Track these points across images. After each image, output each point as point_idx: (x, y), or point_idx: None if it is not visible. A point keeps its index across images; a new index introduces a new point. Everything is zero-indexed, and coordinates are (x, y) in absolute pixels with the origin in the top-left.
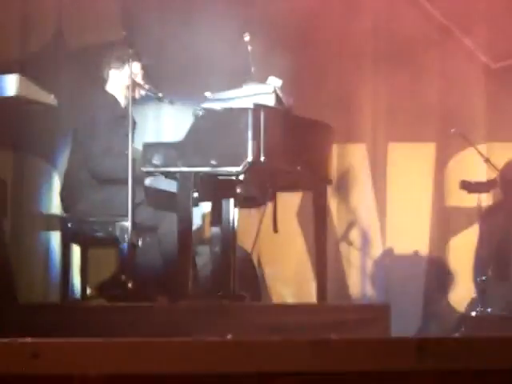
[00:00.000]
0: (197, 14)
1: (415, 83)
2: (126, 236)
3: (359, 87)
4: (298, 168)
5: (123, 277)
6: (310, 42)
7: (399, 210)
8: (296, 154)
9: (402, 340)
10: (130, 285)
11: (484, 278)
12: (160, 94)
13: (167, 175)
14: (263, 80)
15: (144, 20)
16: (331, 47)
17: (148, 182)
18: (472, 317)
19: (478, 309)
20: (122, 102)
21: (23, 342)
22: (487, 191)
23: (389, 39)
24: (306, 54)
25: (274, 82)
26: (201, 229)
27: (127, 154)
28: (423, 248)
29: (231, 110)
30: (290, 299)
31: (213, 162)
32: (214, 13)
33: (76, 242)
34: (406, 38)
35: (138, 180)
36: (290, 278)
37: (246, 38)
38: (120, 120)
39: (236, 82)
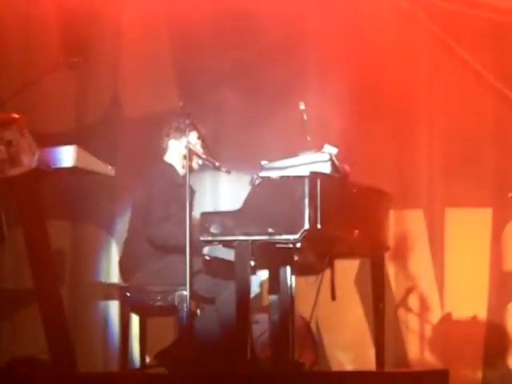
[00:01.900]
0: (253, 84)
1: (472, 148)
2: (184, 305)
3: (415, 152)
4: (355, 234)
5: (182, 345)
6: (366, 109)
7: (457, 275)
8: (352, 221)
9: None
10: (189, 353)
11: None
12: (217, 163)
13: (225, 244)
14: (319, 148)
15: (201, 89)
16: (388, 112)
17: (206, 250)
18: None
19: None
20: (181, 171)
21: None
22: None
23: (445, 105)
24: (362, 121)
25: (330, 149)
26: (259, 296)
27: (185, 223)
28: (482, 313)
29: (288, 178)
30: (348, 366)
31: (270, 230)
32: (271, 82)
33: (135, 311)
34: (462, 104)
35: (197, 249)
36: (348, 345)
37: (302, 106)
38: (178, 189)
39: (292, 151)
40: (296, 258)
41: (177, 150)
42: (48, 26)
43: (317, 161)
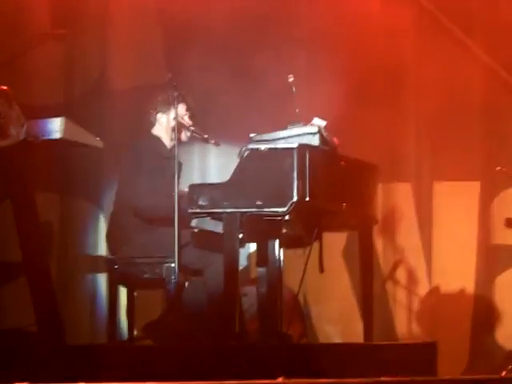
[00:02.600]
0: (242, 57)
1: (460, 122)
2: (172, 277)
3: (403, 126)
4: (343, 207)
5: (170, 318)
6: (354, 82)
7: (445, 248)
8: (341, 194)
9: (453, 381)
10: (177, 326)
11: None
12: (205, 136)
13: (213, 216)
14: (308, 121)
15: (189, 62)
16: (376, 86)
17: (194, 223)
18: None
19: None
20: (168, 143)
21: None
22: None
23: (434, 78)
24: (350, 94)
25: (319, 122)
26: (247, 269)
27: (172, 195)
28: (469, 286)
29: (276, 150)
30: (336, 338)
31: (258, 203)
32: (259, 55)
33: (123, 283)
34: (451, 78)
35: (185, 221)
36: (336, 318)
37: (291, 78)
38: (165, 161)
39: (281, 123)
40: (284, 230)
41: (164, 123)
42: None
43: (305, 133)
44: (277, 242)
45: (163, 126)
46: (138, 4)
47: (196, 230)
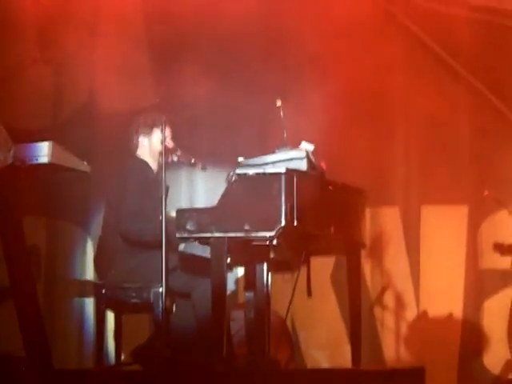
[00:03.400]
0: (230, 81)
1: (448, 146)
2: (160, 302)
3: (391, 150)
4: (331, 231)
5: (158, 342)
6: (342, 106)
7: (433, 272)
8: (329, 219)
9: None
10: (165, 350)
11: None
12: (192, 160)
13: (201, 240)
14: (296, 145)
15: (176, 86)
16: (364, 111)
17: (182, 247)
18: (507, 380)
19: None
20: (153, 166)
21: None
22: None
23: (422, 103)
24: (338, 118)
25: (307, 146)
26: (235, 294)
27: (159, 219)
28: (457, 311)
29: (264, 175)
30: (324, 363)
31: (246, 227)
32: (247, 79)
33: (110, 307)
34: (439, 102)
35: (172, 245)
36: (324, 342)
37: (278, 103)
38: (151, 184)
39: (268, 148)
40: (272, 254)
41: (147, 146)
42: (23, 21)
43: (293, 158)
44: (265, 267)
45: (146, 149)
46: (127, 28)
47: (184, 255)
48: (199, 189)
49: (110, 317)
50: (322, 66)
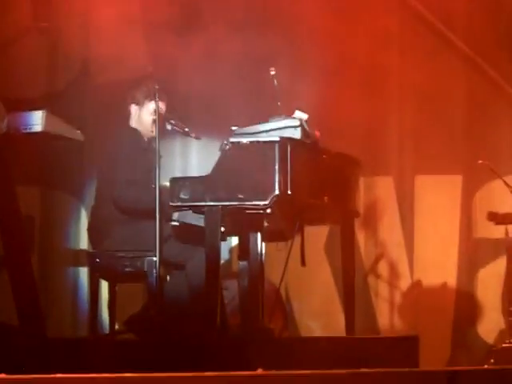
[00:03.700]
0: (223, 49)
1: (442, 116)
2: (154, 271)
3: (385, 120)
4: (325, 200)
5: (151, 311)
6: (336, 76)
7: (427, 242)
8: (322, 188)
9: (433, 372)
10: (158, 319)
11: None
12: (186, 129)
13: (195, 210)
14: (289, 114)
15: (170, 55)
16: (358, 80)
17: (176, 216)
18: (501, 348)
19: (507, 340)
20: (146, 135)
21: None
22: None
23: (415, 73)
24: (332, 88)
25: (301, 115)
26: (229, 263)
27: (152, 188)
28: (451, 280)
29: (257, 143)
30: (318, 332)
31: (240, 196)
32: (240, 48)
33: (104, 277)
34: (432, 72)
35: (166, 214)
36: (317, 311)
37: (272, 72)
38: (143, 153)
39: (262, 116)
40: (266, 224)
41: (142, 116)
42: None
43: (287, 126)
44: (258, 236)
45: (140, 118)
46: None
47: (177, 224)
48: (193, 158)
49: (104, 286)
50: (317, 36)
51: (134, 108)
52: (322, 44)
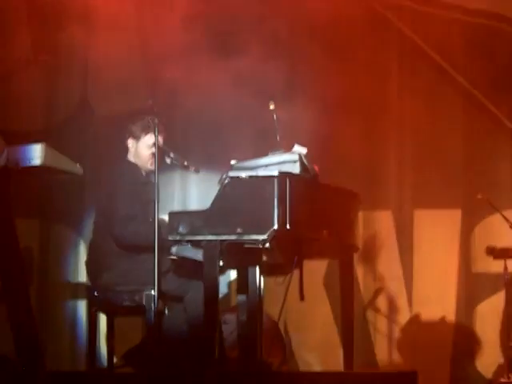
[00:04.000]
0: (222, 83)
1: (441, 150)
2: (152, 305)
3: (385, 154)
4: (324, 235)
5: (150, 345)
6: (335, 111)
7: (426, 276)
8: (321, 222)
9: None
10: (157, 353)
11: (511, 343)
12: (185, 162)
13: (193, 244)
14: (289, 148)
15: (170, 88)
16: (358, 114)
17: (174, 250)
18: (499, 383)
19: (505, 375)
20: (145, 170)
21: None
22: None
23: (415, 107)
24: (331, 122)
25: (300, 150)
26: (227, 297)
27: (151, 222)
28: (450, 314)
29: (257, 178)
30: (316, 366)
31: (239, 230)
32: (240, 82)
33: (102, 310)
34: (432, 106)
35: (164, 249)
36: (316, 346)
37: (272, 106)
38: (142, 188)
39: (262, 151)
40: (265, 258)
41: (137, 149)
42: (17, 23)
43: (286, 161)
44: (257, 270)
45: (137, 151)
46: (121, 30)
47: (176, 258)
48: (192, 191)
49: (103, 319)
50: (316, 70)
51: (131, 142)
52: (322, 80)
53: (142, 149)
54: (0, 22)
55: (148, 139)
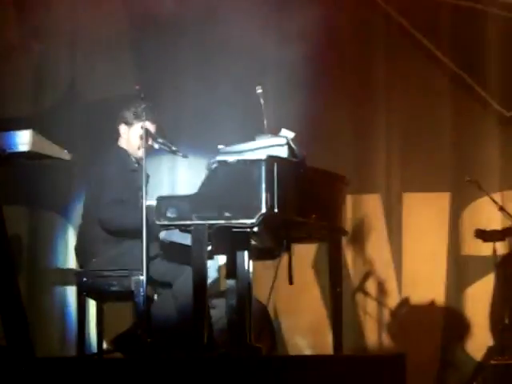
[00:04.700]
0: (210, 68)
1: (429, 133)
2: (141, 290)
3: (372, 137)
4: (312, 218)
5: (139, 330)
6: (323, 94)
7: (415, 259)
8: (310, 206)
9: None
10: (145, 338)
11: (500, 326)
12: (174, 148)
13: (181, 228)
14: (276, 132)
15: (158, 75)
16: (345, 98)
17: (163, 235)
18: (489, 365)
19: (495, 357)
20: (135, 156)
21: None
22: (502, 239)
23: (403, 89)
24: (319, 105)
25: (287, 133)
26: (216, 281)
27: (138, 206)
28: (439, 297)
29: (244, 162)
30: (306, 350)
31: (226, 215)
32: (228, 65)
33: (92, 296)
34: (419, 89)
35: (152, 233)
36: (305, 330)
37: (259, 90)
38: (131, 174)
39: (249, 135)
40: (253, 242)
41: (129, 135)
42: (3, 8)
43: (274, 145)
44: (246, 254)
45: (129, 138)
46: (108, 15)
47: (164, 242)
48: (180, 176)
49: (92, 305)
50: (303, 52)
51: (123, 128)
52: (309, 62)
53: (134, 135)
54: None
55: (140, 125)
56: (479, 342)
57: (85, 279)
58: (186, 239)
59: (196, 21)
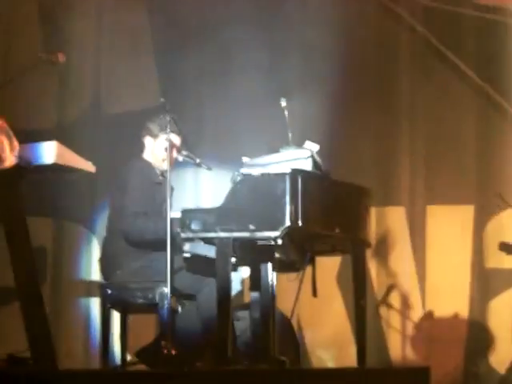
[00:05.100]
0: (234, 80)
1: (453, 145)
2: (165, 302)
3: (397, 149)
4: (337, 231)
5: (163, 343)
6: (348, 106)
7: (439, 272)
8: (334, 218)
9: None
10: (170, 351)
11: None
12: (198, 160)
13: (206, 241)
14: (300, 145)
15: (182, 86)
16: (370, 111)
17: (187, 247)
18: None
19: None
20: (159, 168)
21: None
22: None
23: (427, 102)
24: (343, 117)
25: (311, 146)
26: (240, 294)
27: (162, 219)
28: (463, 310)
29: (269, 175)
30: (329, 363)
31: (251, 227)
32: (252, 79)
33: (116, 308)
34: (444, 102)
35: (176, 246)
36: (329, 342)
37: (283, 103)
38: (155, 187)
39: (273, 147)
40: (277, 254)
41: (154, 147)
42: (28, 21)
43: (298, 157)
44: (270, 266)
45: (154, 150)
46: (132, 28)
47: (188, 255)
48: (204, 189)
49: (116, 317)
50: (328, 65)
51: (148, 140)
52: (334, 75)
53: (159, 147)
54: (12, 22)
55: (165, 138)
56: (503, 354)
57: (109, 291)
58: (210, 252)
59: (220, 32)
